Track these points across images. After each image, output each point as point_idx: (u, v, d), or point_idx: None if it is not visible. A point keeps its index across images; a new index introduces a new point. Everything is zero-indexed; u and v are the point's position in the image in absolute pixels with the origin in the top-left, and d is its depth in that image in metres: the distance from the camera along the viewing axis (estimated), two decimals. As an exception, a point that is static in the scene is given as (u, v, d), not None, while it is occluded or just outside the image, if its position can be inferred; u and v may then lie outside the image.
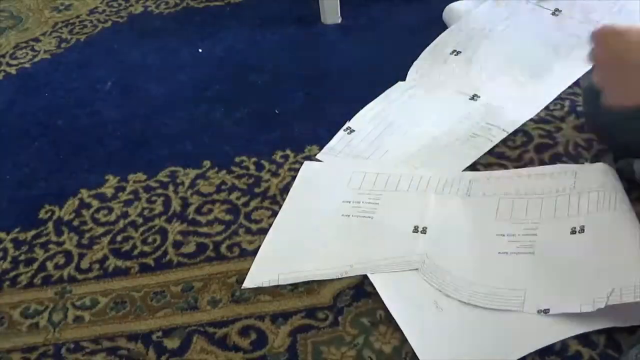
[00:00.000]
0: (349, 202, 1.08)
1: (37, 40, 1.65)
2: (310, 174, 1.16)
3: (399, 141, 1.21)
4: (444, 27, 1.49)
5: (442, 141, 1.20)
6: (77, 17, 1.72)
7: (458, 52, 1.39)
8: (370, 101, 1.31)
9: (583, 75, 1.13)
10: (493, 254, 0.95)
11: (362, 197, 1.09)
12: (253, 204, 1.14)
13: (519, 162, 1.13)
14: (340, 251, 1.00)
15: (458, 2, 1.52)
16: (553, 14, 1.43)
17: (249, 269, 1.02)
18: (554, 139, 1.17)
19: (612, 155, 1.08)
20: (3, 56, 1.60)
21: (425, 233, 1.00)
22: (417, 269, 0.95)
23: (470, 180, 1.09)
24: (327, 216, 1.07)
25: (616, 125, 1.01)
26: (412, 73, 1.37)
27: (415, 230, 1.00)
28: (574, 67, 1.29)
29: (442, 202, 1.06)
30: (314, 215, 1.07)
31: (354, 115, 1.28)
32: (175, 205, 1.16)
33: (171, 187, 1.19)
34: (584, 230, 0.92)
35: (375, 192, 1.09)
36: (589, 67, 1.13)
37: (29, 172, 1.27)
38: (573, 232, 0.93)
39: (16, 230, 1.15)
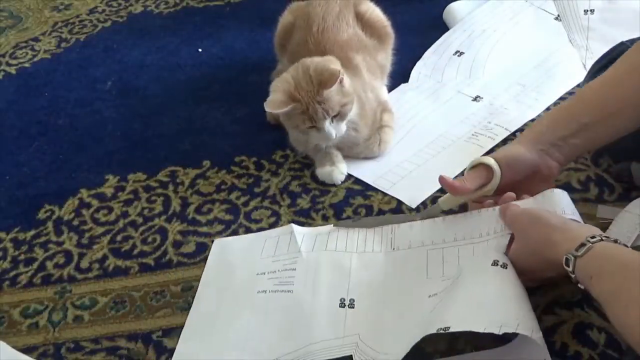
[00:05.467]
0: (264, 273, 0.96)
1: (36, 39, 1.65)
2: (220, 250, 1.04)
3: (402, 139, 1.23)
4: (444, 27, 1.49)
5: (445, 140, 1.20)
6: (77, 16, 1.72)
7: (461, 53, 1.39)
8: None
9: (584, 79, 1.13)
10: (429, 322, 0.82)
11: (276, 264, 0.97)
12: (253, 203, 1.14)
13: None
14: (263, 341, 0.88)
15: (458, 2, 1.52)
16: (556, 19, 1.43)
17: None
18: (554, 139, 1.17)
19: (610, 159, 1.08)
20: (3, 56, 1.60)
21: (353, 307, 0.89)
22: (351, 356, 0.84)
23: (393, 229, 0.98)
24: (243, 297, 0.94)
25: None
26: (415, 74, 1.37)
27: (342, 304, 0.89)
28: (575, 68, 1.30)
29: (365, 264, 0.95)
30: (229, 298, 0.95)
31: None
32: (175, 205, 1.16)
33: (171, 187, 1.19)
34: (506, 267, 0.83)
35: (291, 257, 0.98)
36: (588, 69, 1.14)
37: (29, 172, 1.27)
38: (495, 264, 0.84)
39: (16, 230, 1.15)
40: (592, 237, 0.75)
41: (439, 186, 1.10)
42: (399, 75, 1.37)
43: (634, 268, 0.70)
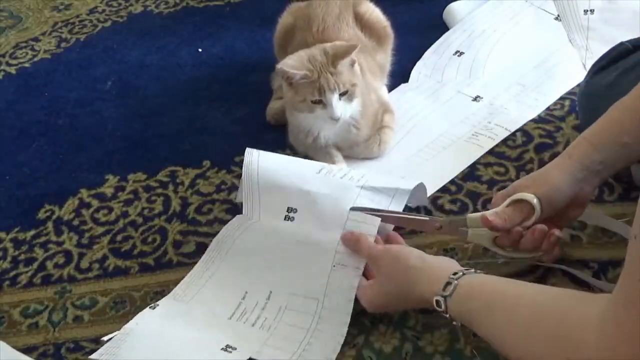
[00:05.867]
0: None
1: (36, 39, 1.65)
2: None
3: (402, 139, 1.22)
4: (444, 27, 1.49)
5: (445, 140, 1.20)
6: (77, 16, 1.72)
7: (461, 53, 1.39)
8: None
9: (584, 79, 1.13)
10: None
11: None
12: (253, 203, 1.14)
13: (519, 162, 1.13)
14: None
15: (458, 2, 1.52)
16: (556, 19, 1.43)
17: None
18: (553, 138, 1.17)
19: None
20: (3, 56, 1.60)
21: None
22: None
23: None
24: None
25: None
26: (415, 74, 1.37)
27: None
28: (575, 68, 1.30)
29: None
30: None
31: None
32: (175, 204, 1.16)
33: (171, 187, 1.19)
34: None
35: None
36: (588, 69, 1.14)
37: (29, 172, 1.27)
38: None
39: (16, 230, 1.15)
40: (455, 274, 0.79)
41: (438, 186, 1.11)
42: (399, 75, 1.37)
43: (503, 299, 0.75)
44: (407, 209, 1.02)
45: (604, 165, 0.88)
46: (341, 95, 1.10)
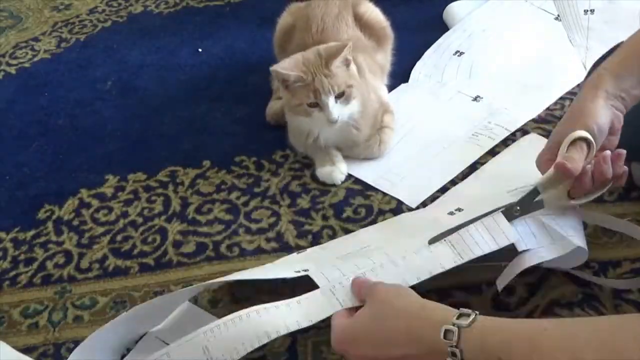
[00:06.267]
0: None
1: (36, 39, 1.65)
2: None
3: (402, 138, 1.23)
4: (444, 27, 1.49)
5: (445, 140, 1.20)
6: (77, 16, 1.72)
7: (461, 53, 1.39)
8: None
9: (584, 79, 1.13)
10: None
11: None
12: (253, 203, 1.14)
13: (519, 162, 1.14)
14: None
15: (458, 2, 1.52)
16: (556, 19, 1.43)
17: (248, 268, 1.01)
18: (554, 139, 1.17)
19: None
20: (3, 56, 1.60)
21: None
22: None
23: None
24: None
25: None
26: (415, 74, 1.37)
27: None
28: (575, 68, 1.30)
29: None
30: None
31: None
32: (175, 204, 1.16)
33: (171, 187, 1.19)
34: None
35: None
36: (588, 69, 1.14)
37: (29, 172, 1.27)
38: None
39: (16, 230, 1.15)
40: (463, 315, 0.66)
41: (439, 186, 1.11)
42: (399, 75, 1.37)
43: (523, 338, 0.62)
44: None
45: (629, 95, 0.86)
46: (337, 97, 1.10)
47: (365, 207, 1.10)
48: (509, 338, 0.63)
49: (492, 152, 1.16)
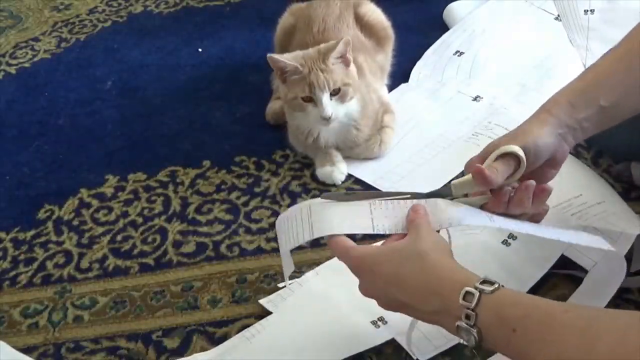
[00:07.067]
0: None
1: (36, 39, 1.65)
2: None
3: (402, 139, 1.23)
4: (444, 27, 1.49)
5: (445, 140, 1.20)
6: (77, 16, 1.72)
7: (461, 53, 1.39)
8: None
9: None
10: None
11: None
12: (253, 203, 1.14)
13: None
14: None
15: (458, 2, 1.52)
16: (556, 19, 1.43)
17: (248, 268, 1.02)
18: (554, 139, 1.17)
19: (610, 159, 1.08)
20: (3, 56, 1.60)
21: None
22: None
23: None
24: None
25: (615, 129, 1.01)
26: (415, 74, 1.37)
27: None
28: (575, 68, 1.30)
29: None
30: None
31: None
32: (175, 204, 1.16)
33: (171, 187, 1.19)
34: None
35: None
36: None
37: (29, 172, 1.27)
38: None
39: (16, 229, 1.15)
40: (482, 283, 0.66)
41: (438, 186, 1.10)
42: (399, 75, 1.37)
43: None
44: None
45: (581, 126, 0.83)
46: (332, 94, 1.10)
47: (365, 207, 1.10)
48: (529, 313, 0.63)
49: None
